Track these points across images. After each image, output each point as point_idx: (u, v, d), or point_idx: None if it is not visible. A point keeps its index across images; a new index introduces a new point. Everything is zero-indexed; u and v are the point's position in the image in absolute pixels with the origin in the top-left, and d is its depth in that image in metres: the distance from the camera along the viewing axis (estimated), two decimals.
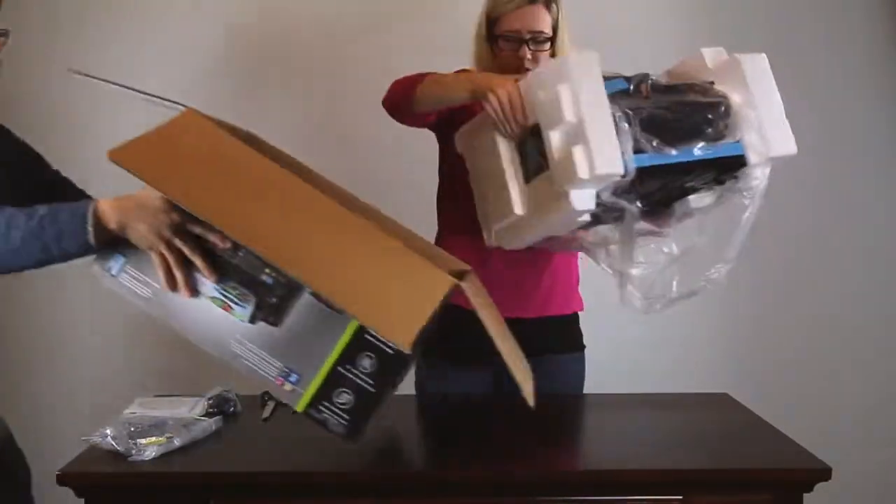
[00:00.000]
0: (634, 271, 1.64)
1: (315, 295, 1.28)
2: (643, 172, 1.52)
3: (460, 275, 1.44)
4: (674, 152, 1.54)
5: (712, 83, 1.64)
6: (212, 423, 1.60)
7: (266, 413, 1.73)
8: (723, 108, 1.60)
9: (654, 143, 1.52)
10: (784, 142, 1.63)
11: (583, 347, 1.99)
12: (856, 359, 2.65)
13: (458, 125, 1.82)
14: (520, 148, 1.65)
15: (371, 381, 1.32)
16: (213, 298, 1.32)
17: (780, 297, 2.65)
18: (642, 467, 1.47)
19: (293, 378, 1.33)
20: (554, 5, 1.82)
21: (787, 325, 2.64)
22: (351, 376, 1.32)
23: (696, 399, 1.86)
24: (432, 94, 1.75)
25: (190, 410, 1.66)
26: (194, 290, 1.32)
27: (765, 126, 1.60)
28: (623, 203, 1.54)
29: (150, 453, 1.44)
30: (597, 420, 1.82)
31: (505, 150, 1.66)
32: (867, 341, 2.66)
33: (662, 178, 1.57)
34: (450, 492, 1.46)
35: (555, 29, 1.82)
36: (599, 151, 1.48)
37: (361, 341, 1.30)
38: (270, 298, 1.31)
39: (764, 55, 1.66)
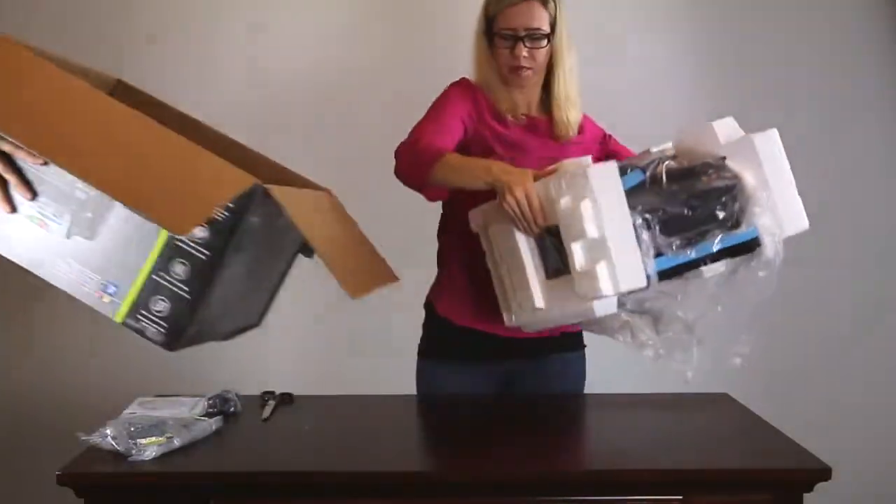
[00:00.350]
0: (677, 362, 1.69)
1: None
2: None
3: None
4: (692, 254, 1.58)
5: (724, 158, 1.65)
6: (212, 423, 1.60)
7: (266, 413, 1.73)
8: (737, 192, 1.61)
9: (675, 247, 1.56)
10: (797, 219, 1.66)
11: (583, 347, 1.99)
12: (856, 359, 2.65)
13: (472, 141, 1.84)
14: (538, 241, 1.65)
15: (186, 288, 1.31)
16: (31, 217, 1.31)
17: (779, 298, 2.64)
18: (642, 467, 1.47)
19: (111, 290, 1.33)
20: (552, 2, 1.81)
21: (787, 325, 2.63)
22: (166, 283, 1.31)
23: (696, 399, 1.86)
24: (447, 180, 1.72)
25: (190, 410, 1.66)
26: (11, 205, 1.30)
27: (778, 205, 1.62)
28: (636, 316, 1.63)
29: (150, 453, 1.44)
30: (597, 420, 1.82)
31: (524, 244, 1.66)
32: (867, 341, 2.66)
33: (680, 270, 1.61)
34: (450, 492, 1.46)
35: (553, 26, 1.82)
36: (622, 267, 1.51)
37: (174, 248, 1.30)
38: (85, 213, 1.30)
39: (775, 131, 1.67)
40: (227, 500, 1.45)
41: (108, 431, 1.47)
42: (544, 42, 1.81)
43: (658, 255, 1.55)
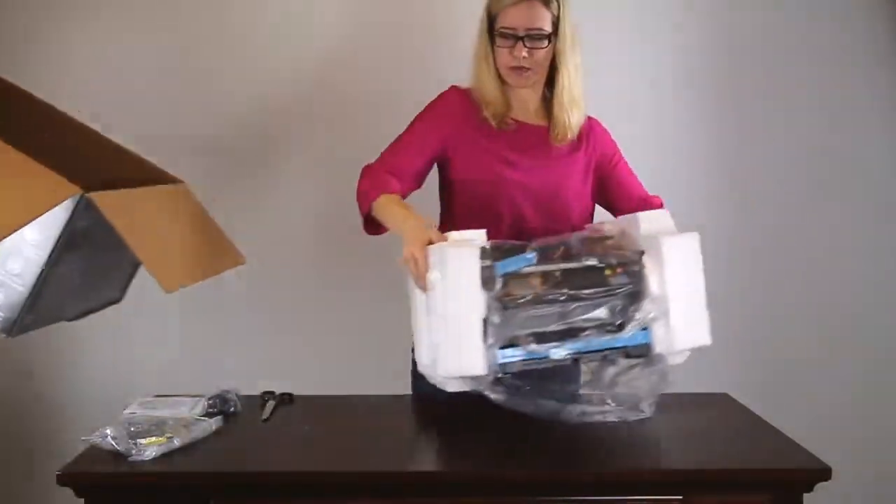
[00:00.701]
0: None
1: None
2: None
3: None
4: (562, 351, 1.52)
5: (642, 254, 1.59)
6: (212, 423, 1.60)
7: (266, 413, 1.73)
8: (627, 294, 1.55)
9: (530, 344, 1.51)
10: (697, 334, 1.58)
11: None
12: (856, 359, 2.65)
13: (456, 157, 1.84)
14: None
15: (20, 282, 1.45)
16: None
17: (779, 298, 2.64)
18: (642, 467, 1.47)
19: None
20: (554, 2, 1.79)
21: (787, 325, 2.63)
22: (1, 278, 1.45)
23: (696, 399, 1.86)
24: (380, 220, 1.75)
25: (190, 410, 1.66)
26: None
27: (674, 317, 1.55)
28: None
29: (150, 453, 1.44)
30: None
31: (418, 299, 1.64)
32: (867, 341, 2.66)
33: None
34: (449, 492, 1.46)
35: (556, 26, 1.80)
36: (461, 352, 1.50)
37: (8, 247, 1.42)
38: None
39: (695, 235, 1.61)
40: (227, 500, 1.45)
41: (108, 431, 1.47)
42: (545, 42, 1.79)
43: (512, 345, 1.51)
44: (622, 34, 2.54)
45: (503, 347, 1.52)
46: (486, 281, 1.53)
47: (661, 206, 1.90)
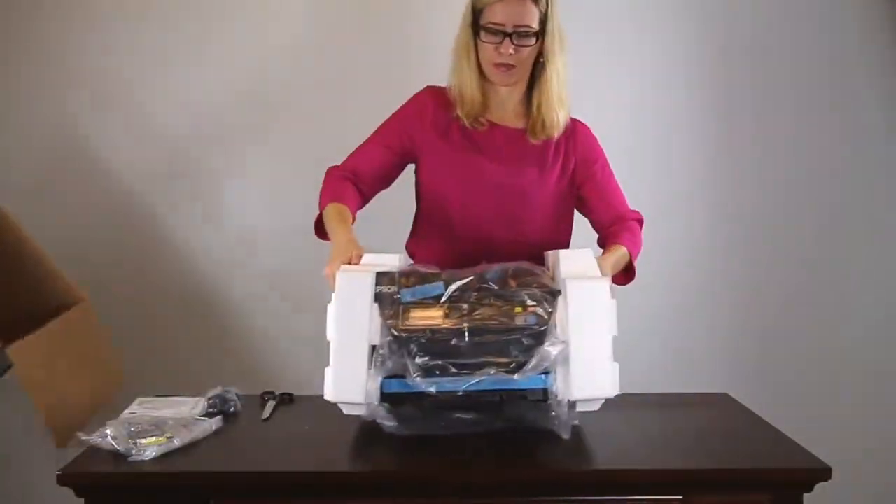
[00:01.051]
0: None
1: None
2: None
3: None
4: (452, 385, 1.47)
5: (558, 293, 1.53)
6: (212, 423, 1.60)
7: (266, 413, 1.73)
8: (528, 336, 1.49)
9: (416, 377, 1.46)
10: (598, 385, 1.51)
11: None
12: (856, 359, 2.65)
13: (422, 159, 1.85)
14: None
15: None
16: None
17: (780, 298, 2.65)
18: (642, 467, 1.47)
19: None
20: (544, 0, 1.75)
21: (788, 325, 2.64)
22: None
23: (696, 399, 1.86)
24: (326, 226, 1.76)
25: (190, 410, 1.66)
26: None
27: (578, 364, 1.49)
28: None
29: (150, 453, 1.44)
30: (597, 420, 1.81)
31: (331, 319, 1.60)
32: (867, 341, 2.66)
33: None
34: (450, 492, 1.46)
35: (543, 23, 1.76)
36: (345, 378, 1.50)
37: None
38: None
39: (607, 281, 1.57)
40: (227, 500, 1.45)
41: (108, 431, 1.47)
42: (532, 40, 1.75)
43: (397, 376, 1.48)
44: (616, 34, 2.54)
45: (391, 377, 1.49)
46: (385, 308, 1.52)
47: (640, 221, 1.89)
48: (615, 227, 1.87)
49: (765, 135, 2.59)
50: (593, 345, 1.51)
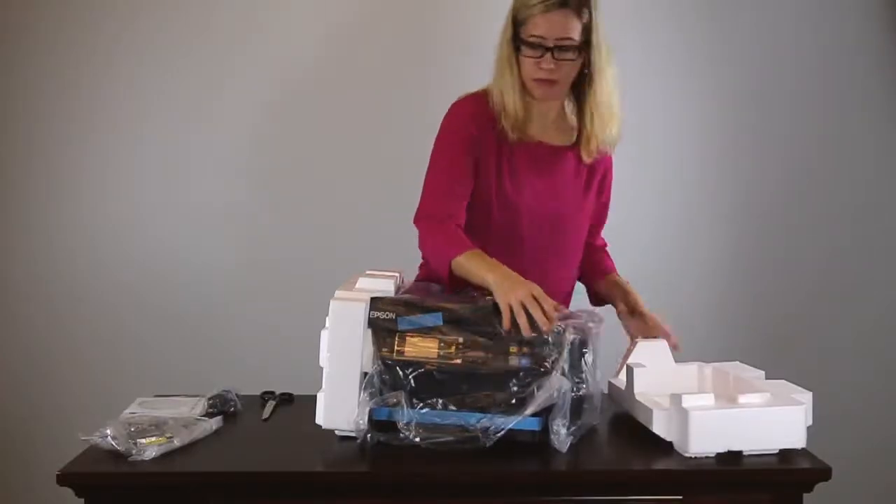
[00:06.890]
0: None
1: None
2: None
3: None
4: (445, 419, 1.47)
5: (558, 334, 1.50)
6: (212, 423, 1.60)
7: (266, 413, 1.73)
8: (525, 377, 1.48)
9: (403, 407, 1.46)
10: (711, 438, 1.45)
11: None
12: (856, 358, 2.65)
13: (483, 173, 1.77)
14: None
15: None
16: None
17: (780, 297, 2.65)
18: (642, 467, 1.47)
19: None
20: (587, 10, 1.68)
21: (787, 325, 2.64)
22: None
23: None
24: (461, 274, 1.66)
25: (190, 410, 1.66)
26: None
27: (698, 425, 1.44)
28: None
29: (150, 453, 1.44)
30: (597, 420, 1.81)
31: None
32: (867, 340, 2.66)
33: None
34: (450, 492, 1.46)
35: (587, 35, 1.69)
36: (337, 405, 1.50)
37: None
38: None
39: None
40: (227, 500, 1.45)
41: (108, 431, 1.47)
42: (573, 54, 1.68)
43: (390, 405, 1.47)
44: (622, 36, 2.54)
45: (382, 406, 1.49)
46: (378, 335, 1.52)
47: (604, 247, 1.93)
48: (605, 258, 1.93)
49: (764, 134, 2.60)
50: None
